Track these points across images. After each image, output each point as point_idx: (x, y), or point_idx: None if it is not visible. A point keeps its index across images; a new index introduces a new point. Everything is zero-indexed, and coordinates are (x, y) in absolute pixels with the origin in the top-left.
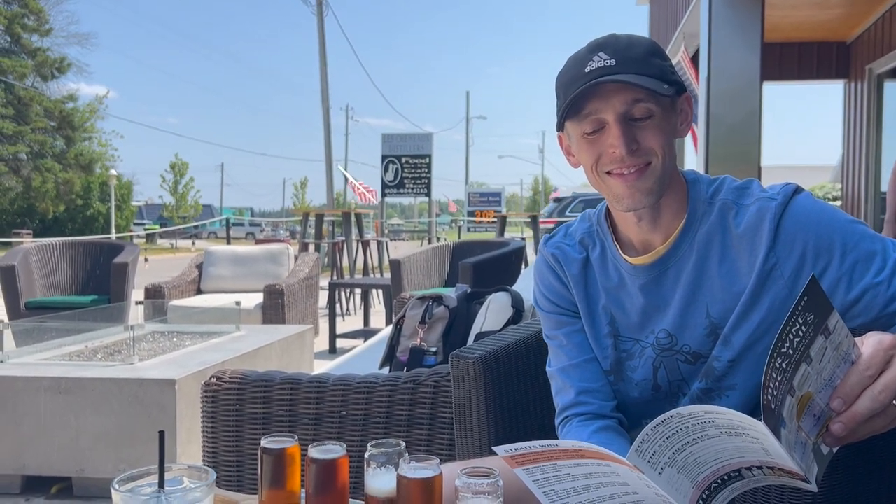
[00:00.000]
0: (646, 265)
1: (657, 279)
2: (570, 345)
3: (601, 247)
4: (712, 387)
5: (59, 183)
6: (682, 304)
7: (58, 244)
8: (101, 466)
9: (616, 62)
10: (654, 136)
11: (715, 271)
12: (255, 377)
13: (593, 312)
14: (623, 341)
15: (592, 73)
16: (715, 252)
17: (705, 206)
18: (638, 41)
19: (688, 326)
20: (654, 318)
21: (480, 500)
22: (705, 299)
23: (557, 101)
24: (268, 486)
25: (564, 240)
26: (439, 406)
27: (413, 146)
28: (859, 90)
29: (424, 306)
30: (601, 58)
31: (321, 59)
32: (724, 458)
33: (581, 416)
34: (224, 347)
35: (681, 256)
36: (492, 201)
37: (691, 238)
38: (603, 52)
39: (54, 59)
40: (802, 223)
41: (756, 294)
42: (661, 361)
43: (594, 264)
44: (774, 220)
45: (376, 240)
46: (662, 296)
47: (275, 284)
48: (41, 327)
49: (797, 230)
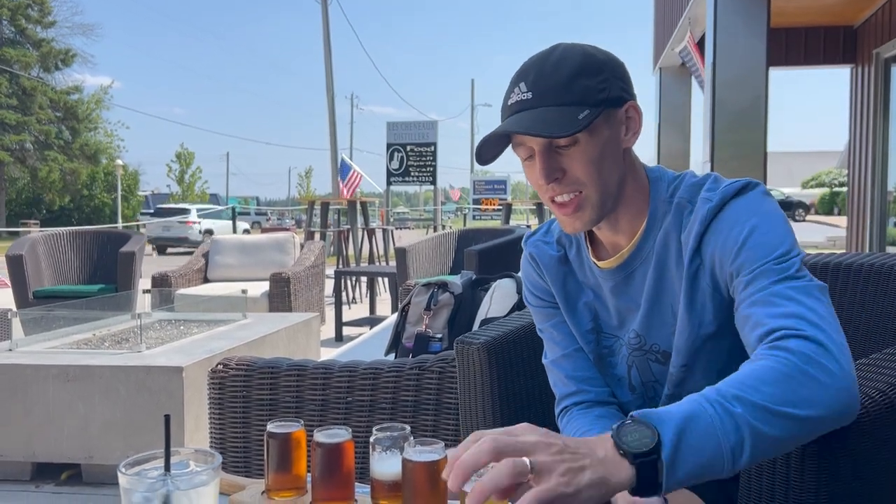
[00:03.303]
0: (612, 269)
1: (625, 281)
2: (559, 336)
3: (577, 247)
4: (675, 393)
5: (64, 173)
6: (647, 304)
7: (65, 234)
8: (110, 453)
9: (533, 95)
10: (579, 164)
11: (674, 271)
12: (261, 364)
13: (574, 308)
14: (605, 337)
15: (512, 106)
16: (672, 251)
17: (665, 205)
18: (566, 61)
19: (654, 326)
20: (628, 319)
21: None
22: (668, 300)
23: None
24: (274, 469)
25: (544, 237)
26: (444, 392)
27: (418, 134)
28: (866, 75)
29: (430, 293)
30: (520, 90)
31: (326, 47)
32: None
33: (580, 405)
34: (231, 335)
35: (644, 258)
36: (497, 189)
37: (652, 239)
38: (524, 82)
39: (59, 50)
40: (724, 225)
41: (689, 295)
42: (633, 360)
43: (572, 263)
44: (704, 223)
45: (382, 228)
46: (632, 297)
47: (281, 273)
48: (49, 316)
49: (717, 232)
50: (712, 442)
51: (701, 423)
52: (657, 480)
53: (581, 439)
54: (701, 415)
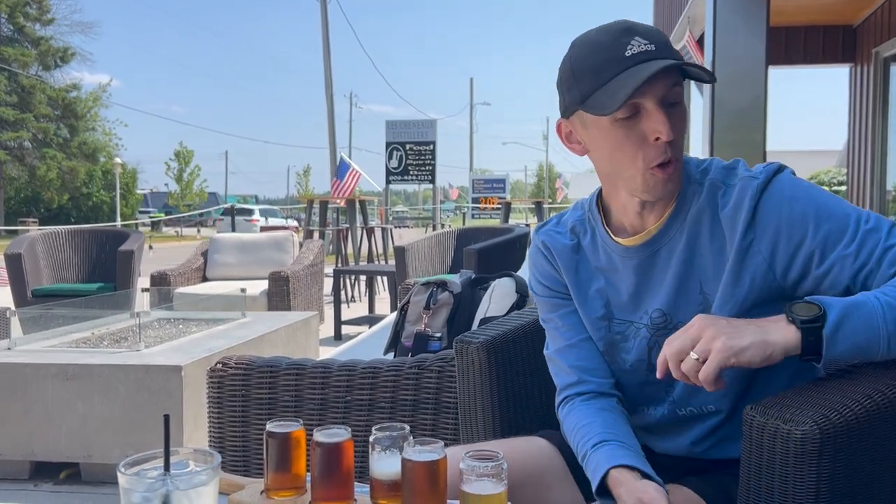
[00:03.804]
0: (637, 246)
1: (649, 259)
2: (565, 326)
3: (591, 233)
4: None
5: (63, 172)
6: (675, 282)
7: (64, 232)
8: (109, 452)
9: (656, 48)
10: (681, 122)
11: (706, 248)
12: (260, 363)
13: (585, 296)
14: (617, 324)
15: (638, 56)
16: (705, 230)
17: (695, 186)
18: (653, 28)
19: (682, 304)
20: (647, 299)
21: (484, 482)
22: (698, 276)
23: (580, 85)
24: (273, 469)
25: (556, 227)
26: (444, 391)
27: (417, 133)
28: (865, 74)
29: (429, 292)
30: (640, 42)
31: (325, 46)
32: None
33: (582, 396)
34: (230, 334)
35: (672, 236)
36: (496, 188)
37: (682, 218)
38: (639, 36)
39: (57, 49)
40: (779, 200)
41: (736, 270)
42: (655, 341)
43: (586, 250)
44: (754, 199)
45: (381, 227)
46: (655, 275)
47: (280, 271)
48: (48, 315)
49: (773, 207)
50: (872, 326)
51: (864, 310)
52: (819, 349)
53: (753, 319)
54: (866, 304)
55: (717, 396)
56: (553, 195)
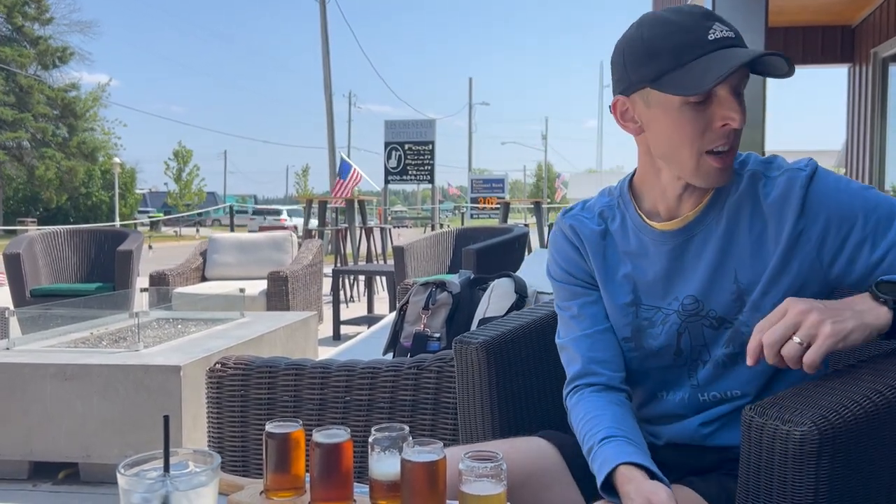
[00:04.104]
0: (672, 230)
1: (683, 245)
2: (582, 315)
3: (621, 218)
4: (739, 351)
5: (62, 171)
6: (709, 269)
7: (62, 232)
8: (108, 452)
9: (735, 36)
10: (745, 113)
11: (745, 238)
12: (259, 363)
13: (612, 281)
14: (644, 309)
15: (719, 41)
16: (745, 219)
17: (735, 175)
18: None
19: (715, 291)
20: (678, 285)
21: (484, 483)
22: (734, 265)
23: (655, 63)
24: (273, 469)
25: (583, 212)
26: (443, 391)
27: (416, 133)
28: (864, 74)
29: (428, 292)
30: (721, 28)
31: (323, 46)
32: None
33: (592, 387)
34: (228, 334)
35: (708, 223)
36: (495, 188)
37: (720, 206)
38: (719, 22)
39: (56, 48)
40: (826, 191)
41: (786, 258)
42: (685, 327)
43: (614, 235)
44: (804, 189)
45: (379, 227)
46: (688, 261)
47: (279, 271)
48: (46, 314)
49: (822, 199)
50: None
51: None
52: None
53: (838, 300)
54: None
55: (745, 381)
56: (552, 195)
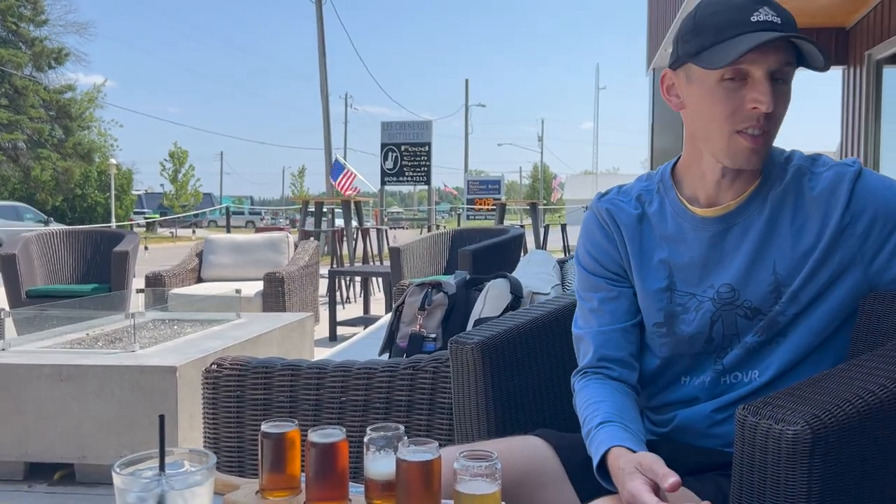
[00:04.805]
0: (714, 217)
1: (723, 232)
2: (602, 310)
3: (660, 202)
4: (770, 338)
5: (57, 172)
6: (748, 259)
7: (58, 233)
8: (103, 453)
9: (780, 21)
10: (783, 102)
11: (787, 229)
12: (255, 364)
13: (648, 266)
14: (679, 295)
15: (761, 23)
16: (788, 211)
17: (779, 169)
18: (783, 7)
19: (752, 281)
20: (715, 272)
21: (479, 482)
22: (773, 256)
23: (699, 38)
24: (268, 469)
25: (619, 196)
26: (438, 391)
27: (412, 134)
28: (858, 76)
29: (424, 293)
30: (768, 12)
31: (320, 47)
32: None
33: (601, 376)
34: (224, 335)
35: (750, 213)
36: (491, 189)
37: (764, 196)
38: (769, 7)
39: (52, 49)
40: (872, 190)
41: (828, 252)
42: (719, 315)
43: (651, 219)
44: (851, 183)
45: (376, 228)
46: (727, 250)
47: (275, 272)
48: (42, 315)
49: (869, 195)
50: None
51: None
52: None
53: None
54: None
55: (766, 365)
56: (548, 196)
